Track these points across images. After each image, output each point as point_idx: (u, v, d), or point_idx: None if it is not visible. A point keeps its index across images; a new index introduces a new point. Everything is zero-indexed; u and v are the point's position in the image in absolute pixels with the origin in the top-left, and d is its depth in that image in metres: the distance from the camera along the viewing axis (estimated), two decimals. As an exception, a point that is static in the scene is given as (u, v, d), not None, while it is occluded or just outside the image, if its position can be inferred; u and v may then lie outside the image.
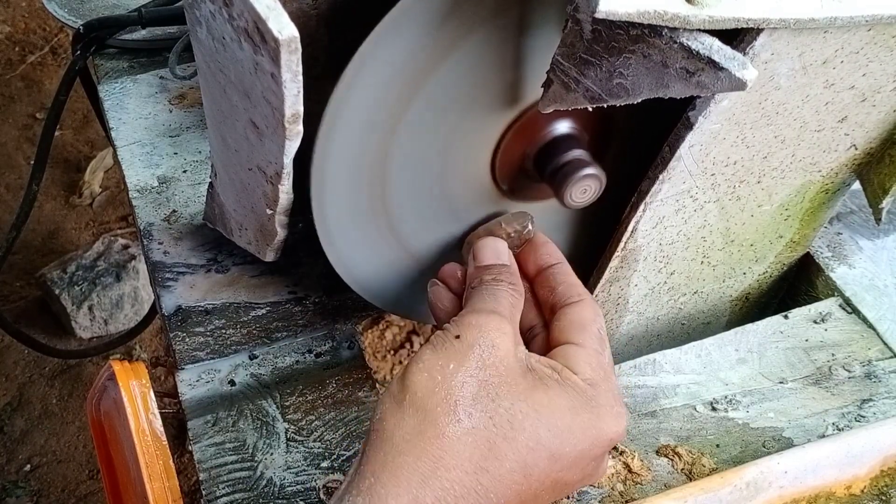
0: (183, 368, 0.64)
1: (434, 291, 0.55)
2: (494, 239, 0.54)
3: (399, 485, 0.42)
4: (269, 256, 0.59)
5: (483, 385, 0.45)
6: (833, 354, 0.64)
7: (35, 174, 1.02)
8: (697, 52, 0.41)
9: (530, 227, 0.55)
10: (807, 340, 0.66)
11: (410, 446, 0.43)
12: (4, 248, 1.09)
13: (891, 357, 0.64)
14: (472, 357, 0.45)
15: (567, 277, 0.53)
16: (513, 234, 0.55)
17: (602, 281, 0.61)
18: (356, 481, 0.43)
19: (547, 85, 0.47)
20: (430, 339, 0.47)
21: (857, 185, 0.64)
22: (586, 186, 0.54)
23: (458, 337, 0.46)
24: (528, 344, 0.51)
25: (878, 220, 0.64)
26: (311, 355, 0.65)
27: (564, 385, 0.46)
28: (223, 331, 0.65)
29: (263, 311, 0.67)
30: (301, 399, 0.62)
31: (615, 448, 0.58)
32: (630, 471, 0.57)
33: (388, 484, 0.42)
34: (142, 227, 0.71)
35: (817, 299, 0.70)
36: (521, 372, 0.46)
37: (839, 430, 0.59)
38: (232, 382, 0.63)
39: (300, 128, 0.45)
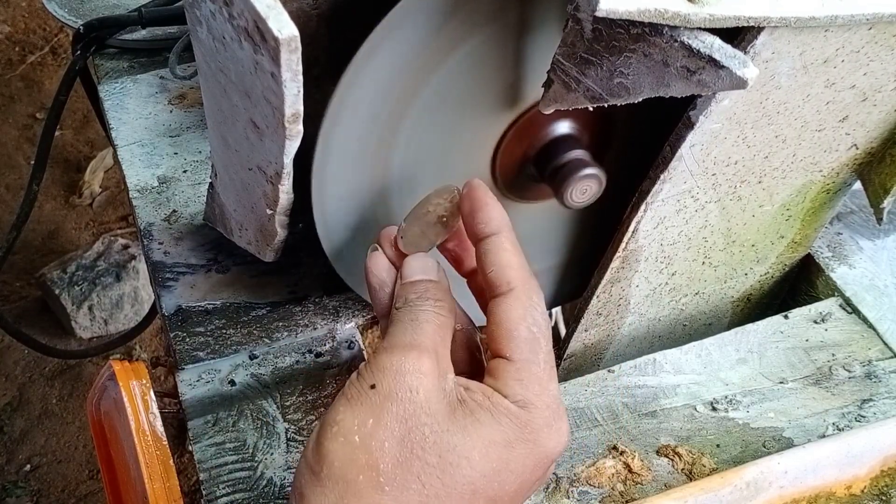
0: (183, 368, 0.64)
1: (372, 258, 0.49)
2: (423, 255, 0.49)
3: None
4: (270, 256, 0.59)
5: (405, 441, 0.41)
6: (833, 354, 0.64)
7: (35, 174, 1.02)
8: (698, 51, 0.41)
9: (456, 194, 0.48)
10: (807, 340, 0.66)
11: None
12: (5, 248, 1.09)
13: (891, 357, 0.64)
14: (391, 410, 0.41)
15: (499, 256, 0.46)
16: (443, 212, 0.49)
17: (603, 281, 0.61)
18: None
19: (547, 85, 0.47)
20: (344, 387, 0.43)
21: (857, 185, 0.64)
22: (586, 186, 0.54)
23: (373, 387, 0.42)
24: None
25: (879, 220, 0.64)
26: (312, 355, 0.65)
27: (497, 414, 0.43)
28: (223, 331, 0.65)
29: (264, 311, 0.66)
30: (301, 399, 0.62)
31: (615, 448, 0.58)
32: (630, 471, 0.57)
33: None
34: (142, 227, 0.71)
35: (817, 299, 0.70)
36: (448, 412, 0.42)
37: (839, 430, 0.59)
38: (232, 382, 0.63)
39: (300, 127, 0.45)
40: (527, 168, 0.56)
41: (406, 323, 0.45)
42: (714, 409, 0.61)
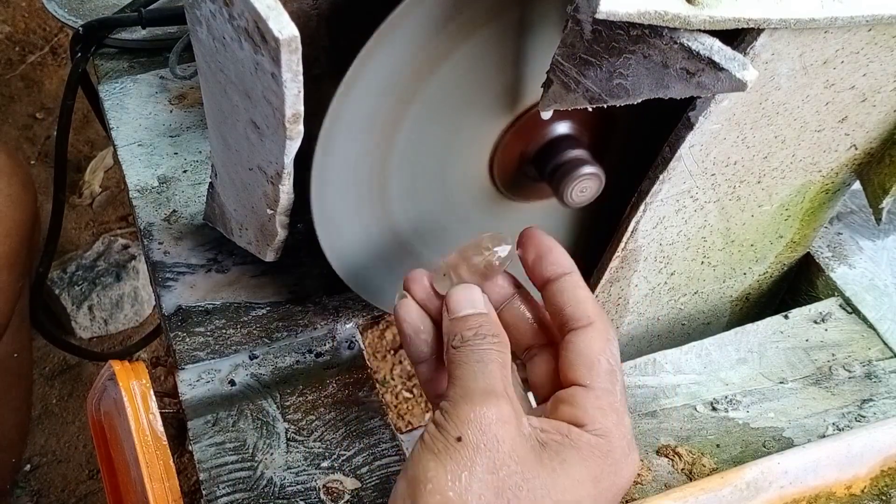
0: (183, 368, 0.64)
1: (402, 305, 0.49)
2: (467, 286, 0.49)
3: None
4: (270, 256, 0.59)
5: (500, 492, 0.41)
6: (833, 354, 0.64)
7: (58, 184, 1.02)
8: (698, 53, 0.41)
9: (502, 251, 0.49)
10: (807, 340, 0.66)
11: None
12: (44, 263, 1.10)
13: (891, 357, 0.64)
14: (481, 462, 0.41)
15: (576, 293, 0.48)
16: (496, 261, 0.49)
17: (602, 281, 0.61)
18: None
19: (547, 85, 0.47)
20: (425, 439, 0.43)
21: (857, 185, 0.64)
22: (586, 185, 0.54)
23: (459, 439, 0.42)
24: (527, 366, 0.49)
25: (878, 220, 0.64)
26: (312, 355, 0.65)
27: (579, 449, 0.43)
28: (223, 331, 0.65)
29: (264, 310, 0.67)
30: (301, 399, 0.62)
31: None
32: (630, 471, 0.57)
33: None
34: (142, 227, 0.71)
35: (817, 299, 0.70)
36: (535, 456, 0.42)
37: (839, 430, 0.59)
38: (232, 382, 0.63)
39: (301, 128, 0.45)
40: (526, 167, 0.56)
41: (472, 365, 0.45)
42: (714, 409, 0.61)
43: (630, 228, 0.57)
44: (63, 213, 1.05)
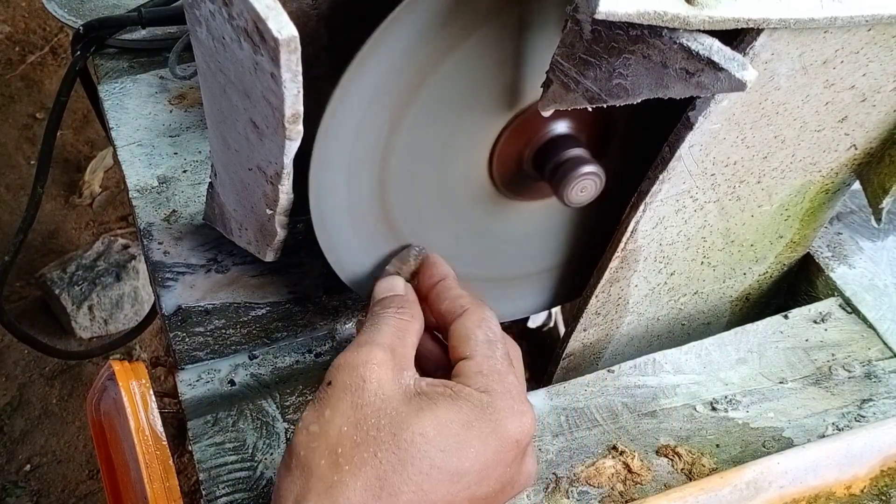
0: (183, 368, 0.64)
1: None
2: (391, 277, 0.55)
3: None
4: (269, 256, 0.59)
5: (360, 425, 0.44)
6: (833, 354, 0.64)
7: (39, 176, 1.02)
8: (697, 53, 0.41)
9: (414, 252, 0.57)
10: (807, 340, 0.66)
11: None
12: (11, 252, 1.09)
13: (891, 357, 0.64)
14: (345, 399, 0.45)
15: (449, 292, 0.53)
16: (404, 267, 0.57)
17: (602, 281, 0.61)
18: None
19: (546, 85, 0.47)
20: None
21: (857, 185, 0.64)
22: (586, 184, 0.54)
23: (329, 384, 0.46)
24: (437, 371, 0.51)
25: (878, 220, 0.64)
26: (311, 355, 0.65)
27: (456, 399, 0.45)
28: (223, 331, 0.65)
29: (263, 311, 0.66)
30: (301, 399, 0.62)
31: (615, 448, 0.58)
32: (630, 471, 0.57)
33: None
34: (142, 227, 0.71)
35: (817, 299, 0.70)
36: (404, 399, 0.45)
37: (839, 430, 0.59)
38: (232, 382, 0.63)
39: (300, 128, 0.45)
40: (525, 166, 0.56)
41: (366, 328, 0.50)
42: (714, 409, 0.61)
43: (630, 228, 0.57)
44: (39, 207, 1.04)
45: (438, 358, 0.53)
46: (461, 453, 0.44)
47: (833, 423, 0.60)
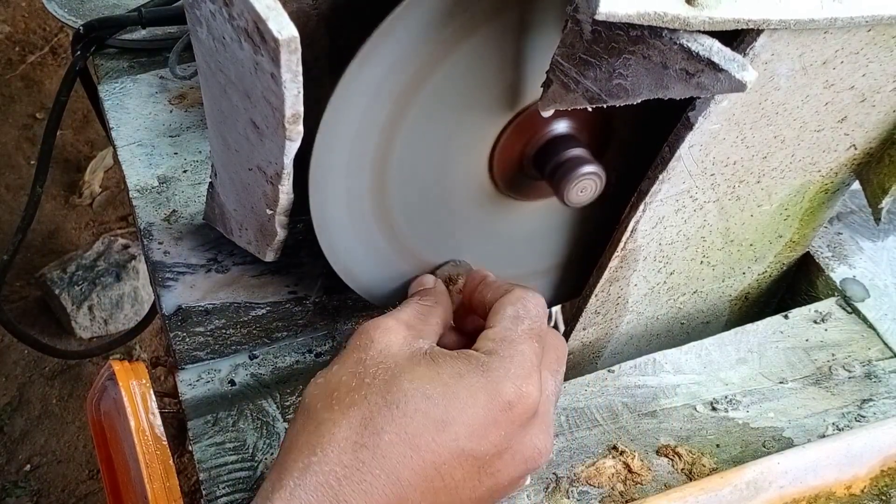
0: (183, 368, 0.64)
1: None
2: (422, 276, 0.58)
3: (282, 478, 0.43)
4: (270, 256, 0.59)
5: (359, 375, 0.46)
6: (833, 354, 0.64)
7: (38, 176, 1.02)
8: (697, 54, 0.41)
9: (452, 264, 0.59)
10: (807, 340, 0.66)
11: (295, 442, 0.45)
12: (10, 251, 1.10)
13: (891, 357, 0.64)
14: (352, 356, 0.47)
15: (494, 284, 0.54)
16: (442, 271, 0.59)
17: (602, 280, 0.61)
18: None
19: (546, 85, 0.47)
20: None
21: (856, 185, 0.64)
22: (586, 184, 0.54)
23: (344, 347, 0.49)
24: None
25: (877, 220, 0.64)
26: (312, 355, 0.65)
27: (457, 358, 0.47)
28: (223, 331, 0.65)
29: (264, 310, 0.67)
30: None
31: (615, 448, 0.58)
32: (630, 471, 0.57)
33: (273, 479, 0.43)
34: (142, 227, 0.71)
35: (817, 299, 0.70)
36: (409, 357, 0.47)
37: (839, 429, 0.59)
38: (232, 382, 0.63)
39: (300, 128, 0.45)
40: (525, 166, 0.57)
41: (392, 310, 0.52)
42: (714, 409, 0.61)
43: (629, 228, 0.57)
44: (38, 206, 1.05)
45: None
46: (447, 402, 0.45)
47: (833, 423, 0.60)
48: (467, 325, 0.56)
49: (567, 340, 0.66)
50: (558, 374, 0.52)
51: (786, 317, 0.67)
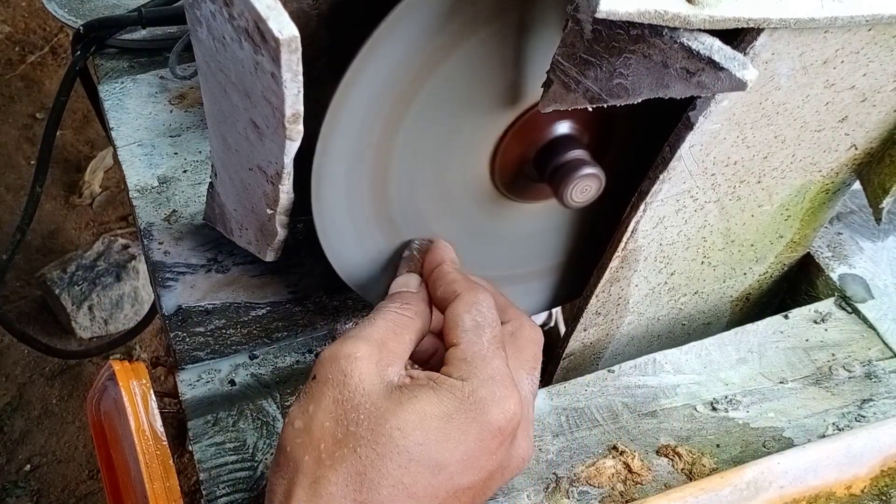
0: (183, 368, 0.64)
1: None
2: (408, 275, 0.55)
3: None
4: (270, 256, 0.59)
5: (341, 420, 0.44)
6: (833, 354, 0.64)
7: (38, 176, 1.02)
8: (698, 53, 0.41)
9: (415, 245, 0.57)
10: (807, 340, 0.66)
11: (290, 495, 0.44)
12: (10, 251, 1.10)
13: (891, 357, 0.64)
14: (327, 394, 0.45)
15: (445, 277, 0.53)
16: (412, 263, 0.56)
17: (602, 281, 0.61)
18: None
19: (547, 85, 0.47)
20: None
21: (857, 185, 0.64)
22: (586, 186, 0.54)
23: (314, 378, 0.46)
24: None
25: (878, 220, 0.64)
26: (312, 355, 0.65)
27: (437, 390, 0.45)
28: (223, 331, 0.65)
29: (264, 310, 0.67)
30: (301, 399, 0.62)
31: (615, 448, 0.58)
32: (630, 471, 0.57)
33: None
34: (142, 227, 0.71)
35: (817, 299, 0.70)
36: (384, 393, 0.45)
37: (839, 429, 0.59)
38: (232, 382, 0.63)
39: (301, 127, 0.45)
40: (526, 167, 0.56)
41: (364, 321, 0.50)
42: (714, 409, 0.61)
43: (630, 228, 0.57)
44: (38, 206, 1.05)
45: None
46: (440, 446, 0.44)
47: (833, 423, 0.60)
48: None
49: (568, 341, 0.66)
50: (535, 370, 0.52)
51: (786, 317, 0.67)
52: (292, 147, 0.47)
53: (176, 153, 0.78)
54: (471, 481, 0.46)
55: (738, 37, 0.46)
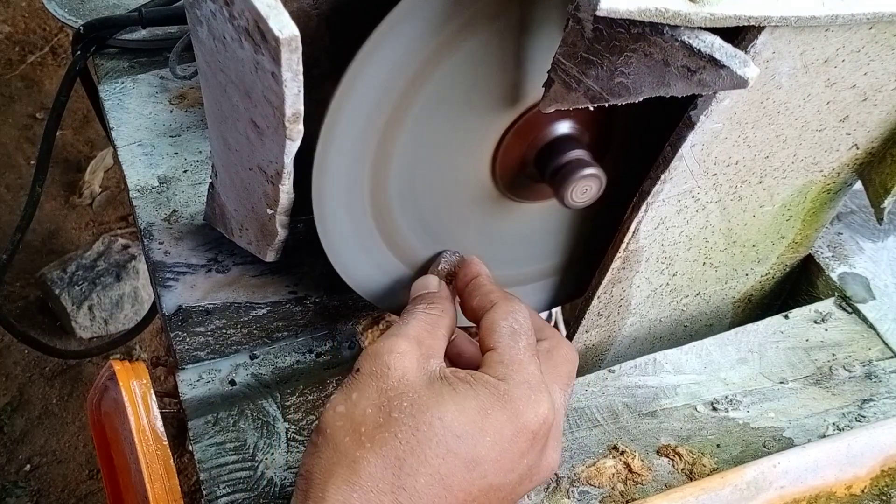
0: (183, 368, 0.64)
1: None
2: (425, 276, 0.57)
3: None
4: (270, 256, 0.59)
5: (383, 407, 0.46)
6: (833, 354, 0.64)
7: (38, 176, 1.02)
8: (699, 51, 0.41)
9: (447, 255, 0.59)
10: (807, 340, 0.66)
11: (327, 480, 0.45)
12: (9, 250, 1.10)
13: (891, 357, 0.64)
14: (371, 385, 0.47)
15: (481, 288, 0.55)
16: (442, 269, 0.59)
17: (604, 282, 0.61)
18: None
19: (548, 84, 0.47)
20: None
21: (858, 185, 0.64)
22: (587, 186, 0.54)
23: (357, 370, 0.48)
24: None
25: (879, 220, 0.64)
26: (312, 355, 0.65)
27: (475, 386, 0.47)
28: (224, 331, 0.65)
29: (264, 310, 0.66)
30: (302, 399, 0.62)
31: (615, 448, 0.58)
32: (630, 471, 0.57)
33: None
34: (142, 227, 0.71)
35: (817, 299, 0.70)
36: (426, 383, 0.47)
37: (840, 429, 0.59)
38: (232, 382, 0.63)
39: (301, 127, 0.45)
40: (527, 168, 0.56)
41: (397, 322, 0.52)
42: (714, 409, 0.61)
43: (631, 229, 0.57)
44: (37, 206, 1.05)
45: (475, 358, 0.54)
46: (477, 440, 0.46)
47: (834, 423, 0.60)
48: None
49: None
50: (568, 387, 0.53)
51: (786, 317, 0.67)
52: (292, 147, 0.47)
53: (176, 153, 0.78)
54: (501, 482, 0.47)
55: (739, 35, 0.46)
